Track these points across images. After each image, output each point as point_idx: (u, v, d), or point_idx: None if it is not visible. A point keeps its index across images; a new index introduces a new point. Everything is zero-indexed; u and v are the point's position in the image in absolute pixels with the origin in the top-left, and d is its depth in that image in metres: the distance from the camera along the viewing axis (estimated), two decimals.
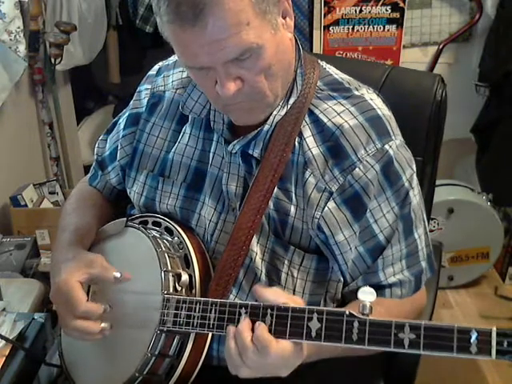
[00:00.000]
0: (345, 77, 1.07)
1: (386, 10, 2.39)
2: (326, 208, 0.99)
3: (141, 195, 1.14)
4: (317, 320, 0.85)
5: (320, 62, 1.07)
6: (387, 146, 0.99)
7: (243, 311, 0.89)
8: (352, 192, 0.99)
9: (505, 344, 0.75)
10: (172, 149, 1.11)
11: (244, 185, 1.03)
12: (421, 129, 1.27)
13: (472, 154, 2.57)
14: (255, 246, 1.02)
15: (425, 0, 2.44)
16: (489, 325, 0.77)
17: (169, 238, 1.07)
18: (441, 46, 2.50)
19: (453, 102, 1.33)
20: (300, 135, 1.01)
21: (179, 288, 0.99)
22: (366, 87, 1.06)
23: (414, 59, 2.50)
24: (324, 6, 2.38)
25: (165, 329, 0.96)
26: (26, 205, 2.17)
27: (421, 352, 0.79)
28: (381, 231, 1.01)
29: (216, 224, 1.06)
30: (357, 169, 0.98)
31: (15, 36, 2.06)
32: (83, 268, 1.01)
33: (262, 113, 0.98)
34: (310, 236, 1.02)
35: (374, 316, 0.83)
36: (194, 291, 1.00)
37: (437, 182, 1.38)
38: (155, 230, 1.08)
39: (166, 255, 1.00)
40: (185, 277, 1.00)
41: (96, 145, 1.26)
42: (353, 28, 2.42)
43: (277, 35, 0.90)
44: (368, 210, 0.99)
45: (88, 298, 1.05)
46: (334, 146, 0.99)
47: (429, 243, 1.08)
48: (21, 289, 1.41)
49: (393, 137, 1.00)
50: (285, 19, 0.93)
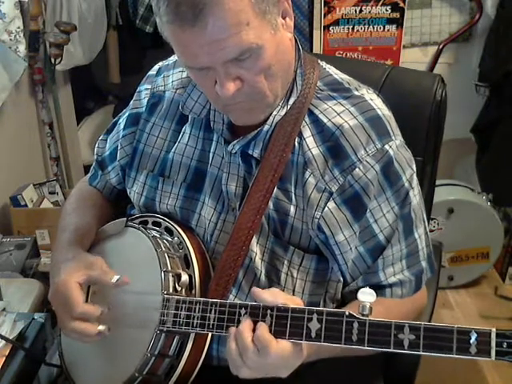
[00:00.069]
0: (345, 77, 1.07)
1: (386, 10, 2.39)
2: (326, 208, 0.99)
3: (141, 195, 1.14)
4: (316, 320, 0.85)
5: (320, 62, 1.07)
6: (387, 146, 0.99)
7: (243, 311, 0.89)
8: (352, 192, 0.99)
9: (504, 345, 0.75)
10: (172, 149, 1.11)
11: (244, 185, 1.03)
12: (421, 129, 1.27)
13: (472, 154, 2.57)
14: (255, 246, 1.02)
15: (425, 0, 2.44)
16: (489, 325, 0.77)
17: (169, 238, 1.07)
18: (441, 46, 2.50)
19: (453, 102, 1.33)
20: (300, 135, 1.01)
21: (179, 288, 0.99)
22: (366, 87, 1.06)
23: (414, 59, 2.50)
24: (324, 6, 2.38)
25: (164, 329, 0.96)
26: (26, 205, 2.17)
27: (420, 353, 0.79)
28: (381, 231, 1.01)
29: (216, 224, 1.06)
30: (357, 169, 0.98)
31: (15, 36, 2.06)
32: (83, 269, 1.01)
33: (262, 113, 0.98)
34: (310, 236, 1.02)
35: (374, 316, 0.83)
36: (194, 291, 1.00)
37: (437, 182, 1.38)
38: (155, 230, 1.08)
39: (166, 255, 1.00)
40: (185, 277, 1.00)
41: (96, 145, 1.26)
42: (353, 28, 2.42)
43: (276, 35, 0.90)
44: (368, 210, 0.99)
45: (88, 299, 1.05)
46: (334, 146, 0.99)
47: (429, 243, 1.08)
48: (21, 289, 1.41)
49: (393, 137, 1.00)
50: (284, 19, 0.93)
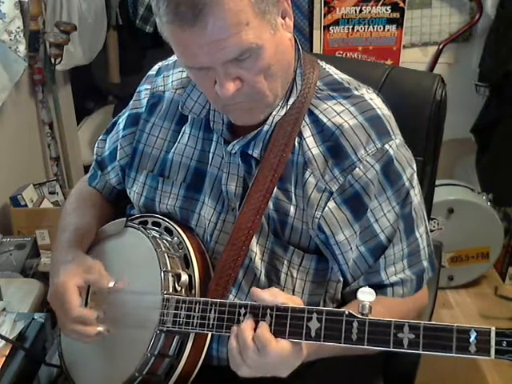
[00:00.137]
0: (344, 77, 1.07)
1: (386, 10, 2.39)
2: (327, 208, 0.99)
3: (140, 195, 1.14)
4: (316, 320, 0.85)
5: (320, 62, 1.07)
6: (387, 146, 0.99)
7: (243, 311, 0.89)
8: (352, 192, 0.99)
9: (504, 344, 0.75)
10: (172, 149, 1.10)
11: (243, 185, 1.03)
12: (421, 129, 1.27)
13: (472, 154, 2.57)
14: (255, 247, 1.02)
15: (425, 0, 2.44)
16: (489, 325, 0.77)
17: (168, 238, 1.07)
18: (441, 46, 2.50)
19: (453, 102, 1.33)
20: (300, 135, 1.01)
21: (179, 288, 0.99)
22: (366, 87, 1.06)
23: (414, 59, 2.50)
24: (324, 6, 2.38)
25: (164, 329, 0.96)
26: (26, 205, 2.17)
27: (420, 352, 0.79)
28: (382, 231, 1.01)
29: (215, 224, 1.06)
30: (357, 168, 0.98)
31: (15, 36, 2.06)
32: (81, 273, 1.01)
33: (262, 113, 0.98)
34: (310, 236, 1.01)
35: (374, 315, 0.83)
36: (194, 291, 1.00)
37: (437, 182, 1.38)
38: (155, 230, 1.08)
39: (166, 255, 1.00)
40: (184, 277, 1.00)
41: (95, 145, 1.26)
42: (353, 28, 2.42)
43: (276, 35, 0.90)
44: (369, 210, 0.99)
45: (88, 298, 1.05)
46: (334, 146, 0.99)
47: (430, 242, 1.08)
48: (21, 289, 1.41)
49: (393, 136, 1.00)
50: (284, 19, 0.93)
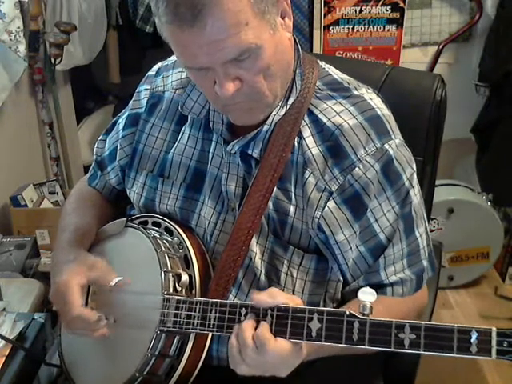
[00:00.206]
0: (344, 77, 1.06)
1: (386, 10, 2.39)
2: (326, 208, 0.99)
3: (140, 196, 1.14)
4: (317, 320, 0.85)
5: (319, 62, 1.07)
6: (387, 146, 0.99)
7: (243, 311, 0.89)
8: (352, 192, 0.99)
9: (505, 344, 0.75)
10: (171, 149, 1.10)
11: (243, 185, 1.03)
12: (421, 129, 1.27)
13: (472, 154, 2.57)
14: (255, 246, 1.02)
15: (425, 0, 2.44)
16: (489, 325, 0.77)
17: (169, 239, 1.07)
18: (441, 46, 2.50)
19: (453, 102, 1.33)
20: (299, 135, 1.01)
21: (179, 288, 0.99)
22: (366, 87, 1.06)
23: (414, 59, 2.50)
24: (324, 6, 2.38)
25: (165, 329, 0.96)
26: (26, 205, 2.17)
27: (421, 352, 0.79)
28: (381, 230, 1.01)
29: (215, 224, 1.06)
30: (356, 168, 0.98)
31: (15, 36, 2.06)
32: (85, 271, 1.01)
33: (262, 113, 0.98)
34: (310, 236, 1.01)
35: (375, 315, 0.83)
36: (194, 291, 1.00)
37: (437, 182, 1.38)
38: (155, 231, 1.08)
39: (166, 255, 1.00)
40: (185, 277, 1.00)
41: (95, 145, 1.26)
42: (353, 28, 2.42)
43: (275, 35, 0.90)
44: (368, 210, 0.99)
45: (88, 298, 1.05)
46: (334, 146, 0.99)
47: (429, 242, 1.08)
48: (21, 289, 1.41)
49: (392, 136, 1.00)
50: (283, 19, 0.93)
